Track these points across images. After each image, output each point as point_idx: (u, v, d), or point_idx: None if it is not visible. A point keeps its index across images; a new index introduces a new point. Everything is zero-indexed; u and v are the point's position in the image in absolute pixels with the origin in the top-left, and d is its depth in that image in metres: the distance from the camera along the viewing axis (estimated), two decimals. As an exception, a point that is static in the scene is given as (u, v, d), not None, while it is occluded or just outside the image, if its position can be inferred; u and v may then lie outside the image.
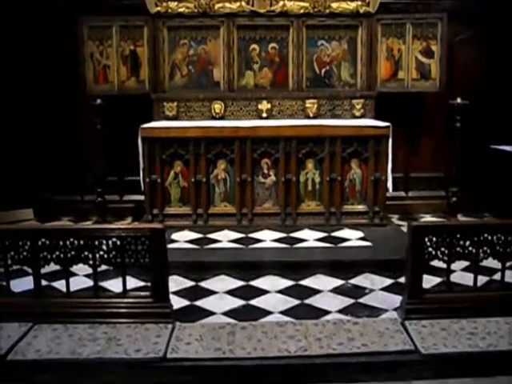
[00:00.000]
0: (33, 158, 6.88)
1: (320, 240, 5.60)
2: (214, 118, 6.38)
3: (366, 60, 6.50)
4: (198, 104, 6.42)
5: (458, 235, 3.74)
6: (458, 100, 6.09)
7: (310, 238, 5.66)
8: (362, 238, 5.62)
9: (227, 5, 6.35)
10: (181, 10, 6.37)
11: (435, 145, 7.03)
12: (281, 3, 6.35)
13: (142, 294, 3.85)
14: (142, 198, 6.19)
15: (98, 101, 6.16)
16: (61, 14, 6.62)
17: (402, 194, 7.05)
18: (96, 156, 6.30)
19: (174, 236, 5.69)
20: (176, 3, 6.36)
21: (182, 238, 5.66)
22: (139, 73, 6.53)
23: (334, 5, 6.38)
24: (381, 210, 6.01)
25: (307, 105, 6.41)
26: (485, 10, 6.81)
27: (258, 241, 5.58)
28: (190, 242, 5.60)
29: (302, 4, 6.36)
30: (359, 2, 6.38)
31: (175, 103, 6.40)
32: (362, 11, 6.41)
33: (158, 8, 6.35)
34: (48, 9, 6.65)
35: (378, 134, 5.90)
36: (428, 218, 6.76)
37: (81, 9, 6.53)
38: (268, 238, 5.66)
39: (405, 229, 5.70)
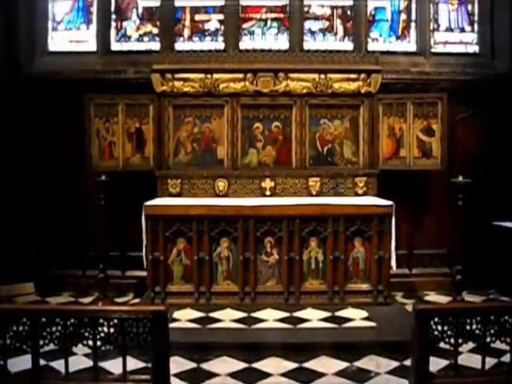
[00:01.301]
0: (35, 232, 7.03)
1: (323, 320, 5.65)
2: (217, 196, 6.54)
3: (367, 138, 6.71)
4: (202, 181, 6.59)
5: (465, 318, 3.78)
6: (460, 178, 6.26)
7: (313, 317, 5.70)
8: (366, 318, 5.65)
9: (231, 85, 6.62)
10: (186, 89, 6.64)
11: (438, 222, 7.15)
12: (284, 83, 6.62)
13: (143, 377, 3.85)
14: (144, 273, 6.27)
15: (103, 177, 6.34)
16: (69, 92, 6.83)
17: (406, 271, 7.12)
18: (99, 231, 6.42)
19: (176, 314, 5.74)
20: (182, 83, 6.64)
21: (184, 317, 5.70)
22: (144, 150, 6.74)
23: (336, 85, 6.65)
24: (385, 289, 6.07)
25: (310, 183, 6.58)
26: (484, 88, 7.04)
27: (261, 320, 5.62)
28: (192, 321, 5.64)
29: (304, 84, 6.63)
30: (360, 83, 6.64)
31: (179, 180, 6.57)
32: (363, 91, 6.67)
33: (164, 87, 6.62)
34: (57, 87, 6.85)
35: (381, 212, 6.02)
36: (433, 296, 6.78)
37: (88, 87, 6.75)
38: (271, 317, 5.70)
39: (409, 308, 5.76)
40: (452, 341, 3.73)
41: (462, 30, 7.61)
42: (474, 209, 6.78)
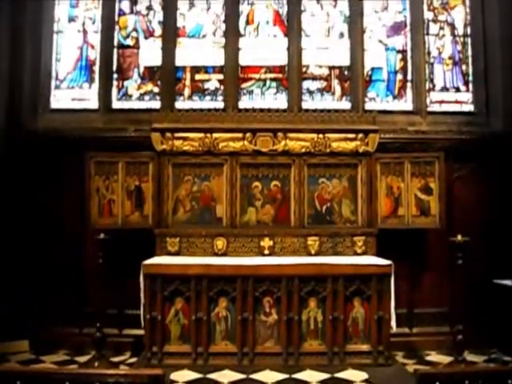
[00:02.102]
0: (31, 288, 6.96)
1: (323, 382, 5.62)
2: (216, 255, 6.57)
3: (366, 197, 6.78)
4: (201, 240, 6.63)
5: (467, 382, 3.75)
6: (459, 237, 6.29)
7: (312, 379, 5.67)
8: (366, 380, 5.63)
9: (231, 144, 6.73)
10: (186, 147, 6.75)
11: (438, 280, 7.16)
12: (283, 143, 6.73)
13: None
14: (142, 332, 6.23)
15: (102, 235, 6.37)
16: (70, 149, 6.95)
17: (406, 330, 7.10)
18: (97, 288, 6.41)
19: (173, 376, 5.70)
20: (181, 141, 6.75)
21: (182, 379, 5.67)
22: (143, 207, 6.79)
23: (335, 144, 6.76)
24: (385, 350, 6.04)
25: (309, 242, 6.62)
26: (480, 146, 7.17)
27: (260, 383, 5.55)
28: (190, 382, 5.60)
29: (303, 144, 6.74)
30: (358, 142, 6.76)
31: (178, 239, 6.60)
32: (361, 150, 6.78)
33: (164, 146, 6.73)
34: (58, 144, 6.99)
35: (380, 272, 6.05)
36: (434, 356, 6.74)
37: (89, 144, 6.87)
38: (270, 379, 5.68)
39: (410, 369, 5.73)
40: (454, 406, 3.70)
41: (458, 90, 7.77)
42: (474, 267, 6.80)
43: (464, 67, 7.85)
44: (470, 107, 7.78)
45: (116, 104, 7.64)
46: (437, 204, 6.75)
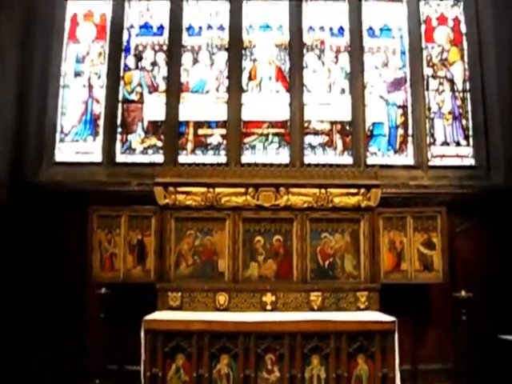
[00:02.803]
0: (30, 340, 6.94)
1: None
2: (217, 310, 6.55)
3: (368, 252, 6.79)
4: (203, 295, 6.62)
5: None
6: (463, 293, 6.30)
7: None
8: None
9: (233, 198, 6.79)
10: (188, 202, 6.80)
11: (442, 336, 7.12)
12: (285, 198, 6.79)
13: None
14: (142, 389, 6.13)
15: (103, 290, 6.37)
16: (73, 202, 7.02)
17: (411, 387, 6.97)
18: (97, 343, 6.37)
19: None
20: (184, 196, 6.81)
21: None
22: (145, 262, 6.80)
23: (337, 199, 6.81)
24: (390, 410, 5.93)
25: (312, 297, 6.61)
26: (482, 200, 7.22)
27: None
28: None
29: (305, 199, 6.79)
30: (360, 197, 6.81)
31: (179, 293, 6.59)
32: (363, 205, 6.83)
33: (167, 200, 6.78)
34: (61, 197, 7.08)
35: (383, 329, 6.01)
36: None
37: (92, 198, 6.94)
38: None
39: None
40: None
41: (458, 144, 7.89)
42: (479, 321, 6.78)
43: (464, 122, 7.98)
44: (470, 161, 7.87)
45: (119, 158, 7.75)
46: (440, 259, 6.76)
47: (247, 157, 7.63)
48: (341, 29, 7.98)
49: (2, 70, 7.14)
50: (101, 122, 7.84)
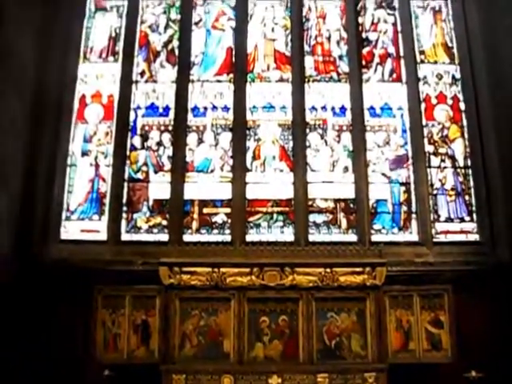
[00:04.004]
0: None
1: None
2: (223, 394, 6.45)
3: (375, 331, 6.76)
4: (207, 377, 6.57)
5: None
6: (473, 373, 6.22)
7: None
8: None
9: (238, 278, 6.82)
10: (193, 282, 6.84)
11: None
12: (290, 277, 6.83)
13: None
14: None
15: (106, 372, 6.33)
16: (77, 281, 7.06)
17: None
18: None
19: None
20: (189, 276, 6.85)
21: None
22: (149, 342, 6.77)
23: (342, 278, 6.85)
24: None
25: (319, 379, 6.55)
26: (488, 277, 7.26)
27: None
28: None
29: (310, 278, 6.83)
30: (366, 276, 6.85)
31: (184, 375, 6.55)
32: (368, 284, 6.85)
33: (172, 280, 6.82)
34: (65, 275, 7.15)
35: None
36: None
37: (97, 277, 6.99)
38: None
39: None
40: None
41: (462, 220, 7.98)
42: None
43: (467, 197, 8.05)
44: (475, 237, 7.93)
45: (125, 236, 7.84)
46: (448, 338, 6.73)
47: (252, 235, 7.72)
48: (342, 108, 8.23)
49: (13, 146, 7.30)
50: (106, 201, 7.97)
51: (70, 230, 7.92)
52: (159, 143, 8.16)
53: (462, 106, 8.38)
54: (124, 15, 8.82)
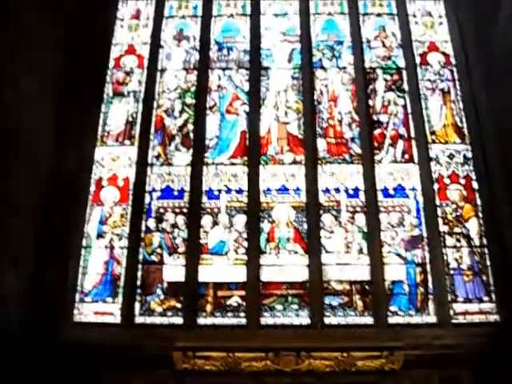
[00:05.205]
0: None
1: None
2: None
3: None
4: None
5: None
6: None
7: None
8: None
9: (253, 363, 6.80)
10: (207, 367, 6.83)
11: None
12: (306, 362, 6.79)
13: None
14: None
15: None
16: (89, 365, 7.07)
17: None
18: None
19: None
20: (203, 361, 6.84)
21: None
22: None
23: (359, 363, 6.81)
24: None
25: None
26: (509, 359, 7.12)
27: None
28: None
29: (327, 362, 6.79)
30: (383, 360, 6.81)
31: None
32: (386, 368, 6.80)
33: (185, 365, 6.83)
34: (78, 358, 7.21)
35: None
36: None
37: (109, 360, 6.99)
38: None
39: None
40: None
41: (481, 300, 7.88)
42: None
43: (484, 277, 8.00)
44: (495, 317, 7.81)
45: (138, 319, 7.86)
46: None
47: (267, 318, 7.70)
48: (356, 189, 8.37)
49: (27, 225, 7.44)
50: (120, 283, 8.02)
51: (84, 312, 7.97)
52: (174, 225, 8.29)
53: (475, 184, 8.41)
54: (141, 100, 9.08)
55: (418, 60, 9.37)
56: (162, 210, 8.48)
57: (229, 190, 8.52)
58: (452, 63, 9.35)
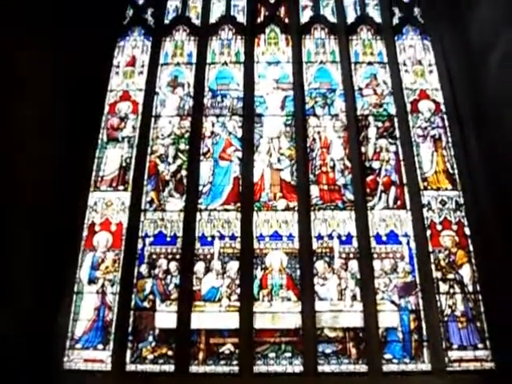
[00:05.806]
0: None
1: None
2: None
3: None
4: None
5: None
6: None
7: None
8: None
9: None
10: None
11: None
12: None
13: None
14: None
15: None
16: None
17: None
18: None
19: None
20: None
21: None
22: None
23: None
24: None
25: None
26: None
27: None
28: None
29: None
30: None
31: None
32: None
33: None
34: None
35: None
36: None
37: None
38: None
39: None
40: None
41: (476, 347, 7.84)
42: None
43: (479, 324, 7.99)
44: (490, 365, 7.77)
45: (129, 367, 7.79)
46: None
47: (260, 366, 7.66)
48: (349, 236, 8.40)
49: (18, 273, 7.42)
50: (112, 330, 7.97)
51: (74, 360, 7.89)
52: (166, 271, 8.30)
53: (467, 231, 8.48)
54: (135, 145, 9.18)
55: (409, 107, 9.54)
56: (154, 256, 8.49)
57: (222, 237, 8.54)
58: (442, 110, 9.52)
